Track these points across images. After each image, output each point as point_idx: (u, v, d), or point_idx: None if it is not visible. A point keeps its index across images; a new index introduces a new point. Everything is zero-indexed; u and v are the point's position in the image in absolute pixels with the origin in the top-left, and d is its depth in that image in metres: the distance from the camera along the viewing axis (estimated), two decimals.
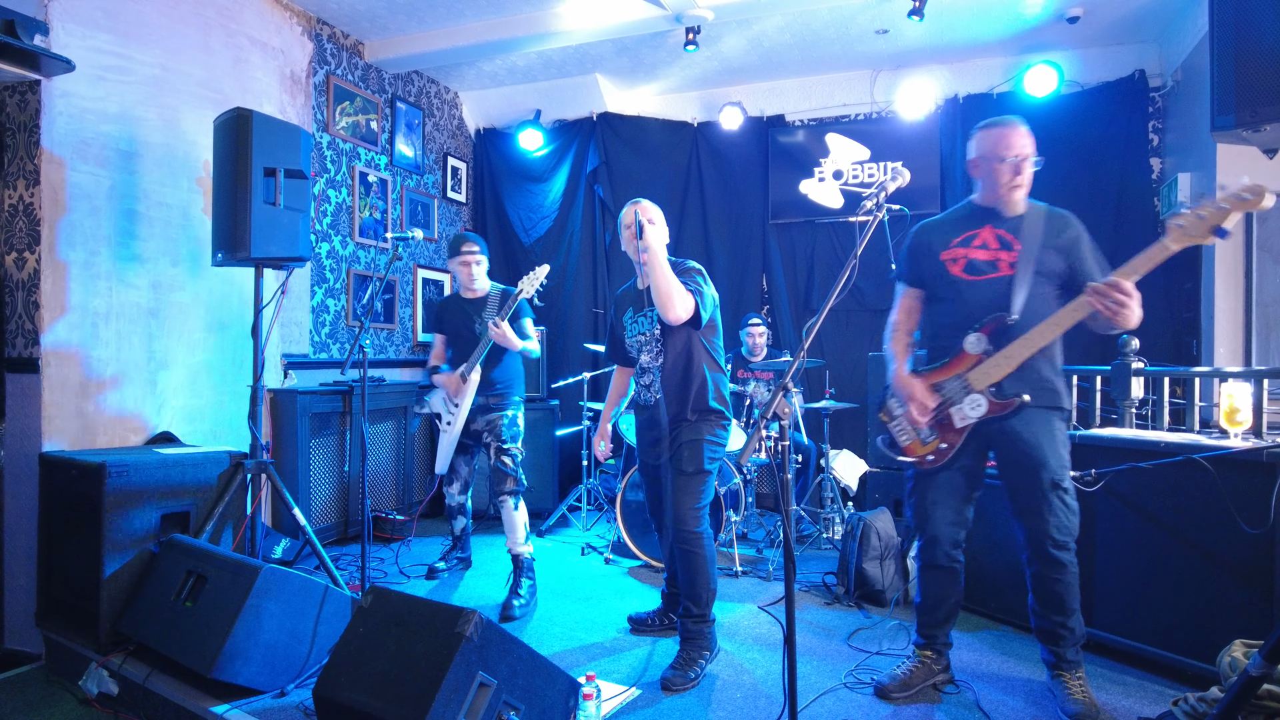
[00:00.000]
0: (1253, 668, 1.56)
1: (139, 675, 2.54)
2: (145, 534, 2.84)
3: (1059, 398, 2.35)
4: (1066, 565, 2.31)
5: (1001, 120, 2.39)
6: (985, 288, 2.34)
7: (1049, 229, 2.33)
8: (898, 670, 2.54)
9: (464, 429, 3.61)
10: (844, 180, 5.47)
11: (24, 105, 3.14)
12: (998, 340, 2.29)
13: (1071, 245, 2.32)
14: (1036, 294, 2.28)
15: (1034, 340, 2.24)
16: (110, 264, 3.34)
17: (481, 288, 3.73)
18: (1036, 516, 2.30)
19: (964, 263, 2.39)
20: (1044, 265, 2.31)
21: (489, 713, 1.90)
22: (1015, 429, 2.31)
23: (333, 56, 4.79)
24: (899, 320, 2.60)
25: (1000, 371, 2.28)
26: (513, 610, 3.25)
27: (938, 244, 2.47)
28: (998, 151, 2.35)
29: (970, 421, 2.35)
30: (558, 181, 6.03)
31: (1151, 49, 4.82)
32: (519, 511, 3.44)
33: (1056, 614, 2.35)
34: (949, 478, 2.44)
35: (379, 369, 5.12)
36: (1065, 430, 2.38)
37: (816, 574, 3.73)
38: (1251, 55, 1.65)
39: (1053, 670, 2.41)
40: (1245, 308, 3.98)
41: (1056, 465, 2.29)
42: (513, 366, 3.71)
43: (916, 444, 2.48)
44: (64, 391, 3.15)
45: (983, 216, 2.43)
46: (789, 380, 1.79)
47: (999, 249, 2.35)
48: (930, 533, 2.49)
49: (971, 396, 2.34)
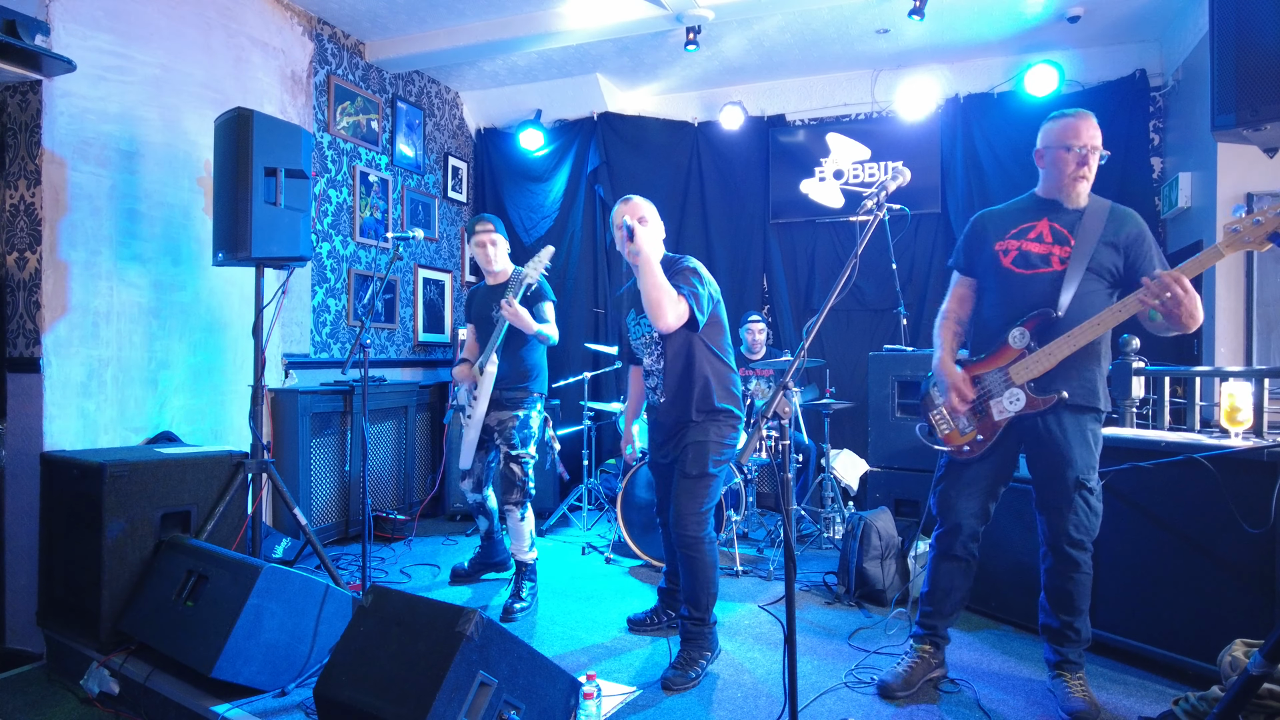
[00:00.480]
0: (1253, 667, 1.56)
1: (140, 675, 2.55)
2: (146, 534, 2.84)
3: (1097, 399, 2.32)
4: (1080, 564, 2.32)
5: (1071, 111, 2.36)
6: (1034, 282, 2.33)
7: (1110, 225, 2.30)
8: (898, 667, 2.54)
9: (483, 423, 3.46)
10: (845, 180, 5.47)
11: (25, 105, 3.14)
12: (1041, 336, 2.29)
13: (1132, 243, 2.29)
14: (1086, 291, 2.26)
15: (1076, 338, 2.22)
16: (111, 264, 3.34)
17: (503, 270, 3.55)
18: (1057, 513, 2.32)
19: (1015, 254, 2.38)
20: (1098, 262, 2.28)
21: (489, 712, 1.90)
22: (1049, 426, 2.32)
23: (333, 56, 4.79)
24: (950, 308, 2.58)
25: (1041, 367, 2.28)
26: (514, 614, 3.22)
27: (993, 234, 2.45)
28: (1064, 140, 2.32)
29: (1008, 415, 2.35)
30: (558, 181, 6.03)
31: (1152, 48, 4.81)
32: (525, 521, 3.37)
33: (1065, 612, 2.36)
34: (979, 470, 2.45)
35: (380, 369, 5.12)
36: (1100, 430, 2.36)
37: (817, 573, 3.73)
38: (1252, 54, 1.65)
39: (1054, 670, 2.41)
40: (1246, 307, 3.98)
41: (1083, 465, 2.30)
42: (530, 358, 3.48)
43: (955, 434, 2.47)
44: (65, 391, 3.16)
45: (1042, 208, 2.41)
46: (789, 379, 1.79)
47: (1054, 243, 2.33)
48: (952, 522, 2.48)
49: (1011, 390, 2.33)
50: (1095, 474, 2.33)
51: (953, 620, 2.58)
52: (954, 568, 2.52)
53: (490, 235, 3.52)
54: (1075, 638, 2.37)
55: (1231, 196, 3.98)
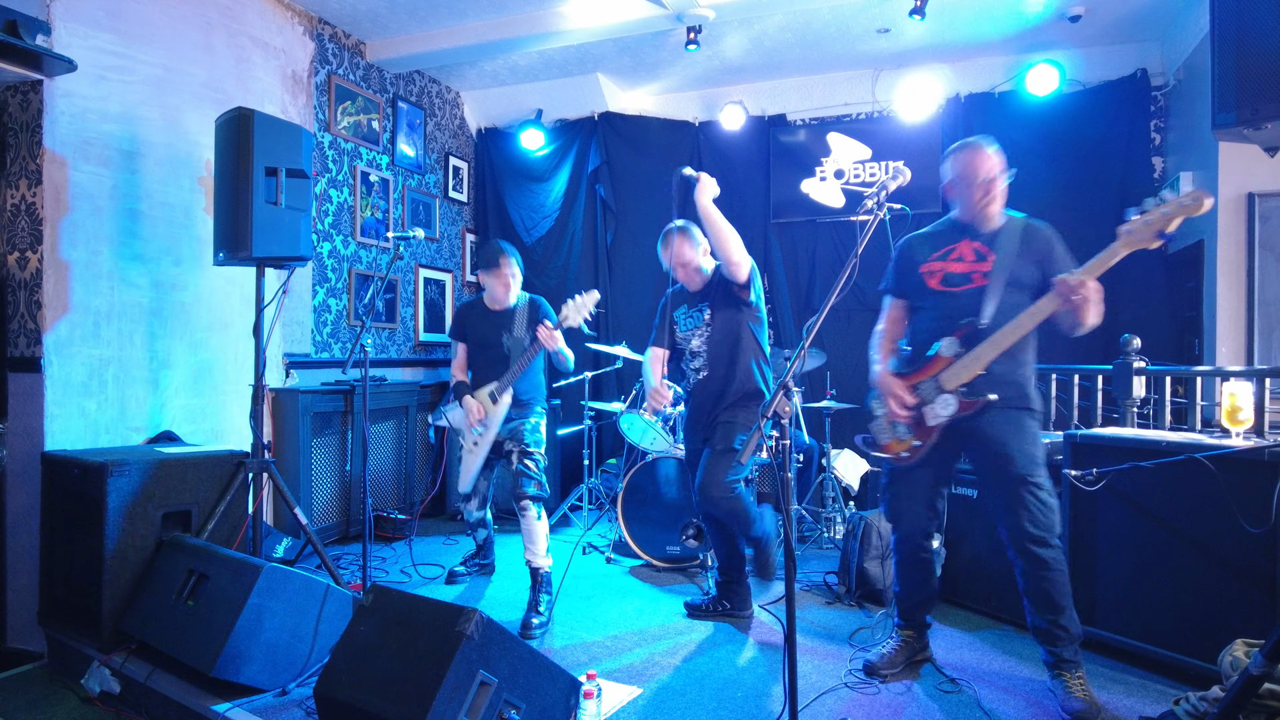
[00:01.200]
0: (1254, 667, 1.56)
1: (141, 674, 2.55)
2: (147, 533, 2.84)
3: (1028, 398, 2.42)
4: (1048, 562, 2.34)
5: (967, 144, 2.53)
6: (962, 298, 2.44)
7: (1024, 241, 2.43)
8: (884, 649, 2.70)
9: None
10: (845, 180, 5.46)
11: (26, 105, 3.15)
12: (969, 343, 2.37)
13: (1045, 255, 2.40)
14: (1008, 302, 2.36)
15: (1000, 341, 2.32)
16: (112, 263, 3.35)
17: (512, 301, 3.56)
18: (1010, 512, 2.38)
19: (941, 275, 2.52)
20: (1017, 276, 2.39)
21: (490, 711, 1.90)
22: (984, 428, 2.39)
23: (334, 56, 4.79)
24: (885, 329, 2.71)
25: (970, 372, 2.37)
26: (532, 629, 3.04)
27: (919, 258, 2.59)
28: (967, 175, 2.48)
29: (942, 420, 2.42)
30: (559, 181, 6.03)
31: (1154, 48, 4.81)
32: (541, 521, 3.28)
33: (1047, 612, 2.37)
34: (921, 474, 2.55)
35: (380, 368, 5.12)
36: (1037, 428, 2.43)
37: (818, 573, 3.73)
38: (1252, 52, 1.65)
39: (1053, 670, 2.42)
40: (1247, 307, 3.97)
41: (1023, 460, 2.34)
42: (536, 377, 3.60)
43: (894, 441, 2.57)
44: (66, 390, 3.16)
45: (962, 231, 2.54)
46: (789, 379, 1.79)
47: (975, 261, 2.46)
48: (904, 529, 2.62)
49: (943, 396, 2.41)
50: (1040, 469, 2.36)
51: (927, 610, 2.73)
52: (913, 567, 2.66)
53: (513, 270, 3.53)
54: (1065, 635, 2.38)
55: (1233, 196, 3.98)
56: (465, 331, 3.62)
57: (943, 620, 3.16)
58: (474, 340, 3.58)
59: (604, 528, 4.80)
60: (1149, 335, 3.96)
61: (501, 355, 3.47)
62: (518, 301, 3.56)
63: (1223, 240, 4.02)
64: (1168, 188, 4.62)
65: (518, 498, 3.30)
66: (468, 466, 3.51)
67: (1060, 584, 2.36)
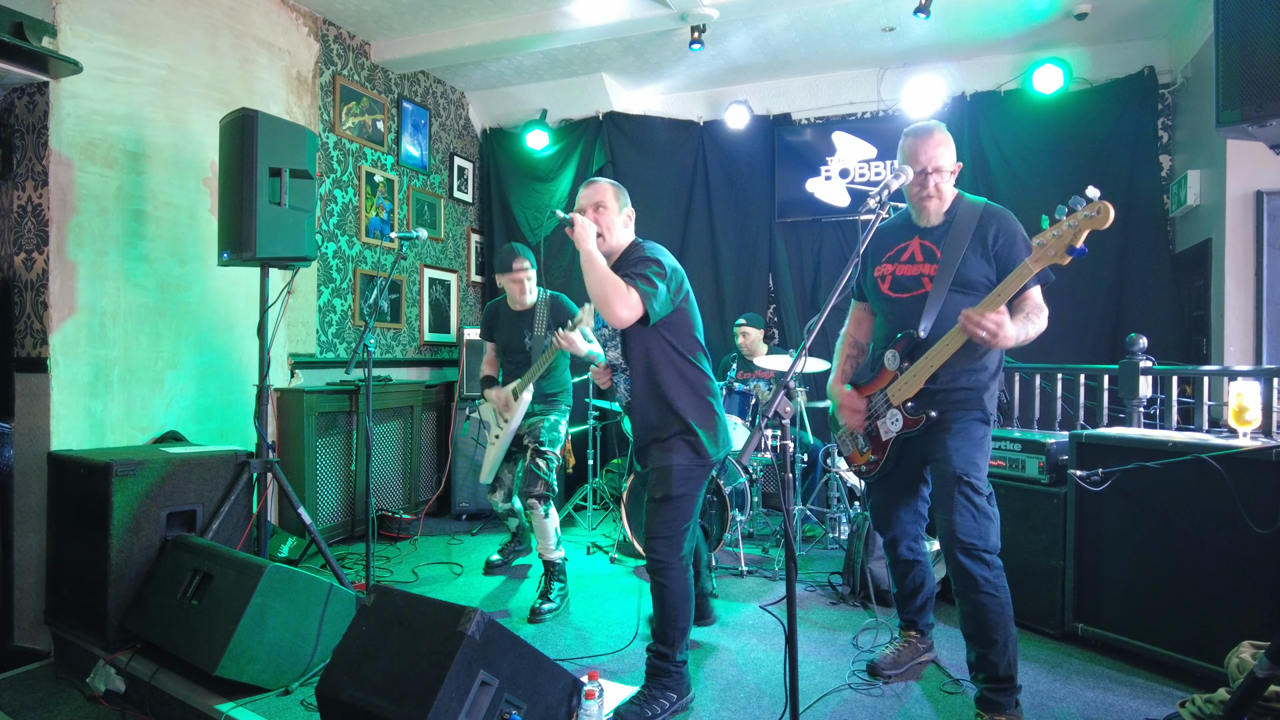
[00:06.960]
0: (1259, 669, 1.55)
1: (145, 673, 2.56)
2: (152, 533, 2.85)
3: (980, 404, 2.28)
4: (977, 579, 2.14)
5: (914, 129, 2.34)
6: (908, 305, 2.32)
7: (978, 233, 2.25)
8: (888, 650, 2.68)
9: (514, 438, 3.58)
10: (850, 179, 5.45)
11: (32, 107, 3.16)
12: (910, 356, 2.29)
13: (1002, 250, 2.24)
14: (953, 308, 2.19)
15: (932, 359, 2.22)
16: (118, 264, 3.36)
17: (531, 300, 3.65)
18: (941, 512, 2.24)
19: (891, 279, 2.39)
20: (965, 277, 2.24)
21: (491, 711, 1.90)
22: (937, 437, 2.28)
23: (339, 57, 4.81)
24: (849, 330, 2.65)
25: (911, 388, 2.28)
26: (542, 615, 3.18)
27: (873, 258, 2.45)
28: (906, 161, 2.30)
29: (893, 435, 2.36)
30: (564, 181, 6.03)
31: (1161, 45, 4.77)
32: (550, 518, 3.35)
33: (976, 642, 2.19)
34: (896, 481, 2.50)
35: (385, 368, 5.13)
36: (985, 435, 2.30)
37: (822, 574, 3.72)
38: (1258, 49, 1.63)
39: (976, 707, 2.23)
40: (1256, 305, 3.94)
41: (961, 462, 2.21)
42: (562, 377, 3.68)
43: (856, 453, 2.54)
44: (72, 391, 3.18)
45: (913, 227, 2.39)
46: (789, 379, 1.79)
47: (924, 261, 2.32)
48: (890, 534, 2.58)
49: (891, 412, 2.35)
50: (980, 474, 2.22)
51: (927, 611, 2.69)
52: (907, 570, 2.62)
53: (528, 272, 3.62)
54: (992, 674, 2.16)
55: (1241, 194, 3.95)
56: (493, 332, 3.79)
57: (947, 621, 3.14)
58: (502, 340, 3.73)
59: (608, 527, 4.80)
60: (1156, 334, 3.93)
61: (524, 352, 3.59)
62: (537, 299, 3.64)
63: (1231, 238, 3.99)
64: (1176, 186, 4.59)
65: (524, 496, 3.38)
66: (489, 458, 3.65)
67: (995, 612, 2.14)
